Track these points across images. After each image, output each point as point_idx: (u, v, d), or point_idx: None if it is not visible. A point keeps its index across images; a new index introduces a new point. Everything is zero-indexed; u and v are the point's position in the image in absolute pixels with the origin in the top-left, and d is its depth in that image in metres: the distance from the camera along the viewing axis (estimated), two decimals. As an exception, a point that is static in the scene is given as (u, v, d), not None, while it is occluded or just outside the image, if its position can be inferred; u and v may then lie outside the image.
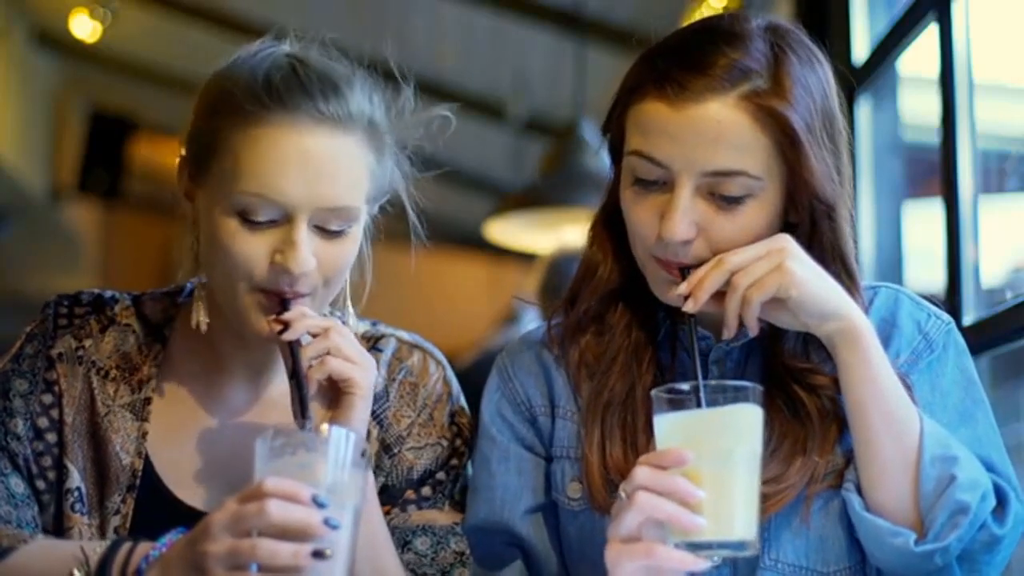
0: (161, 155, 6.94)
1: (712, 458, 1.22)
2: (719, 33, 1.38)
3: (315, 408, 1.40)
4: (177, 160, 1.50)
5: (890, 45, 2.87)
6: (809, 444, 1.39)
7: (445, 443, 1.57)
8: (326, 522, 1.19)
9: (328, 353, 1.40)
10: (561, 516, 1.49)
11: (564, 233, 4.40)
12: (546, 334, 1.54)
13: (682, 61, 1.36)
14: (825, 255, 1.39)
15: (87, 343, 1.54)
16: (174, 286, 1.61)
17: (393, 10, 5.41)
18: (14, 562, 1.40)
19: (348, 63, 1.49)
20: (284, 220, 1.40)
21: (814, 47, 1.41)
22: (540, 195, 4.36)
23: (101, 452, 1.50)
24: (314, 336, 1.41)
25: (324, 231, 1.41)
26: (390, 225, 1.59)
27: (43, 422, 1.51)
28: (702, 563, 1.21)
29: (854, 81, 3.02)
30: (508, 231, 4.71)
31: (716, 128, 1.33)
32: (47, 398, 1.52)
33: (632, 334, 1.47)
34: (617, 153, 1.46)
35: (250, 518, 1.18)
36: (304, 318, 1.40)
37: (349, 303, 1.54)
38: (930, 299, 1.51)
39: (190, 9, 5.89)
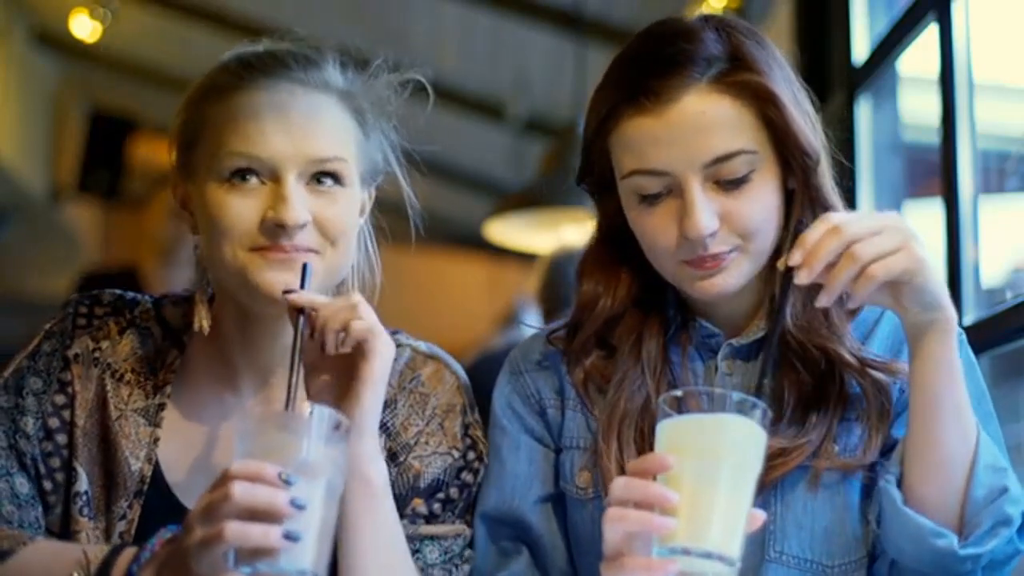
0: (161, 155, 6.89)
1: (694, 461, 1.18)
2: (670, 34, 1.41)
3: (302, 399, 1.37)
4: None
5: (890, 45, 2.87)
6: (825, 403, 1.40)
7: (456, 454, 1.55)
8: (292, 501, 1.17)
9: (354, 319, 1.38)
10: (569, 506, 1.50)
11: (564, 233, 4.39)
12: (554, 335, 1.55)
13: (647, 69, 1.38)
14: (818, 212, 1.41)
15: (104, 344, 1.54)
16: (194, 289, 1.59)
17: (393, 10, 5.41)
18: (14, 564, 1.40)
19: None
20: (272, 179, 1.42)
21: (752, 28, 1.44)
22: (540, 195, 4.36)
23: (110, 456, 1.49)
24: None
25: (315, 187, 1.43)
26: (389, 225, 1.59)
27: (54, 422, 1.51)
28: (674, 566, 1.16)
29: (854, 81, 3.03)
30: (508, 231, 4.71)
31: (701, 118, 1.35)
32: (60, 399, 1.52)
33: (642, 347, 1.48)
34: (605, 186, 1.47)
35: (219, 504, 1.18)
36: (318, 296, 1.40)
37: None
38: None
39: (190, 9, 5.89)
